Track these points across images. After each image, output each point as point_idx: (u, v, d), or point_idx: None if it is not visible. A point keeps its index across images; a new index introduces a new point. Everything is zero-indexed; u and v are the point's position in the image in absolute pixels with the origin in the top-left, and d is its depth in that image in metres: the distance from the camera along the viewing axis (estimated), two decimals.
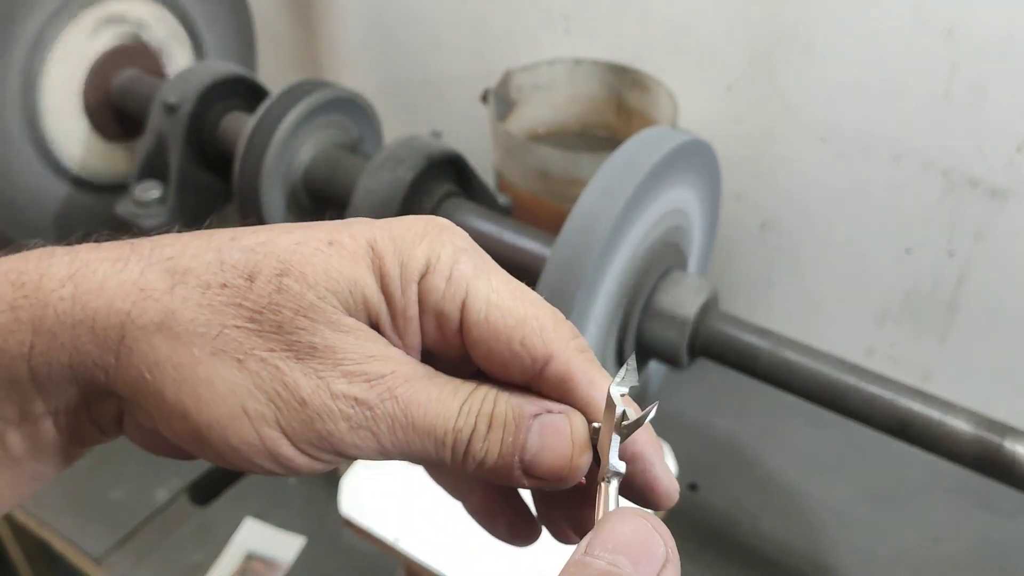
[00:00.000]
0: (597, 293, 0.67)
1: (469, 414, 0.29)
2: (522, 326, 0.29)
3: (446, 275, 0.29)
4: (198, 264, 0.28)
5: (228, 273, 0.28)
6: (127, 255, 0.28)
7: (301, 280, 0.28)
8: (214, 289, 0.27)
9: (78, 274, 0.28)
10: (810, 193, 1.00)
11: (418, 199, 0.79)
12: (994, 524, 0.90)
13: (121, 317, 0.27)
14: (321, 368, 0.28)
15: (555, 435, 0.29)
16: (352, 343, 0.28)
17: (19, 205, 1.00)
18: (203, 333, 0.27)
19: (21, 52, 0.95)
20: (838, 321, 1.06)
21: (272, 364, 0.27)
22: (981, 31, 0.83)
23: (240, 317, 0.27)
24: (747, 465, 0.96)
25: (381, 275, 0.29)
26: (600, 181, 0.66)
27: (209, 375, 0.27)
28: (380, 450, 0.29)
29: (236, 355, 0.27)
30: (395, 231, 0.30)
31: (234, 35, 1.15)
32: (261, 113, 0.85)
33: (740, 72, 0.98)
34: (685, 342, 0.72)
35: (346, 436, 0.28)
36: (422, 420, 0.28)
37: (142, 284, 0.28)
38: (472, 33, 1.17)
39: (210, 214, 0.97)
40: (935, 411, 0.66)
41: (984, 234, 0.92)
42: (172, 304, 0.27)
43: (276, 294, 0.27)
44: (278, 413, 0.27)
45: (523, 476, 0.29)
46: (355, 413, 0.28)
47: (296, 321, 0.27)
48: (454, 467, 0.29)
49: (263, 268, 0.28)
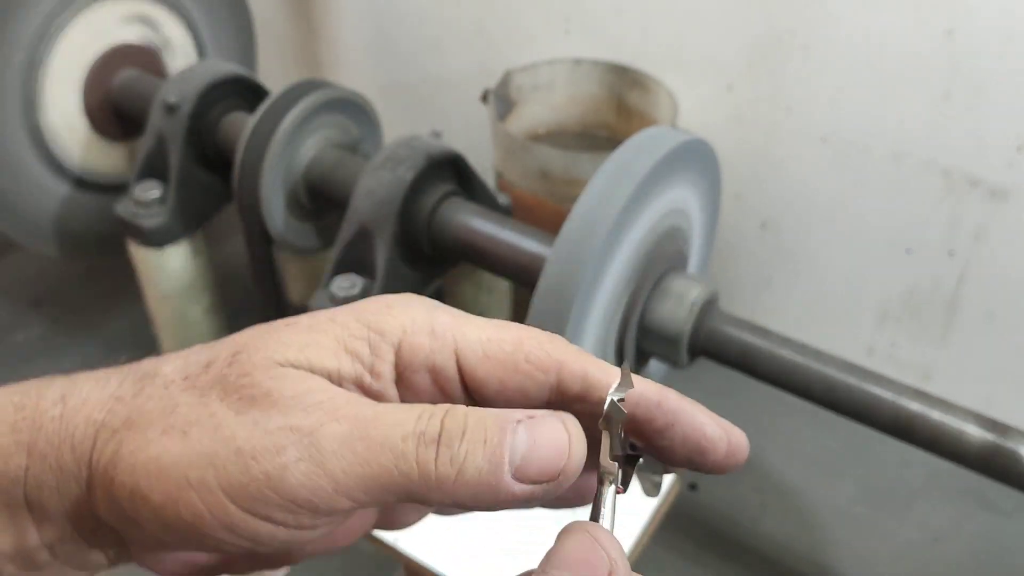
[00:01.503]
0: (597, 293, 0.67)
1: (431, 417, 0.26)
2: (521, 346, 0.29)
3: (428, 331, 0.28)
4: (167, 367, 0.29)
5: (191, 367, 0.28)
6: (111, 373, 0.29)
7: (251, 351, 0.28)
8: (176, 382, 0.28)
9: (67, 394, 0.29)
10: (810, 193, 1.00)
11: (418, 199, 0.79)
12: (994, 524, 0.90)
13: (96, 427, 0.28)
14: (259, 414, 0.26)
15: (547, 430, 0.27)
16: (290, 384, 0.27)
17: (19, 205, 1.00)
18: (157, 417, 0.27)
19: (22, 52, 0.95)
20: (838, 321, 1.06)
21: (212, 425, 0.27)
22: (981, 31, 0.83)
23: (192, 395, 0.27)
24: (747, 465, 0.96)
25: (344, 338, 0.28)
26: (600, 181, 0.66)
27: (158, 452, 0.27)
28: (333, 484, 0.26)
29: (182, 428, 0.27)
30: (359, 306, 0.29)
31: (234, 35, 1.15)
32: (261, 113, 0.85)
33: (740, 72, 0.98)
34: (685, 342, 0.72)
35: (289, 475, 0.25)
36: (372, 430, 0.26)
37: (118, 394, 0.28)
38: (472, 33, 1.17)
39: (210, 214, 0.97)
40: (935, 411, 0.66)
41: (984, 234, 0.92)
42: (138, 402, 0.28)
43: (227, 367, 0.28)
44: (216, 472, 0.26)
45: (513, 483, 0.26)
46: (293, 442, 0.26)
47: (239, 381, 0.27)
48: (426, 489, 0.26)
49: (221, 353, 0.28)
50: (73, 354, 1.10)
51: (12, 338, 1.13)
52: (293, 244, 0.92)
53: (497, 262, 0.78)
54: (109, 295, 1.17)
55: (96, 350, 1.11)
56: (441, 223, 0.79)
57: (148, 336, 1.07)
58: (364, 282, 0.79)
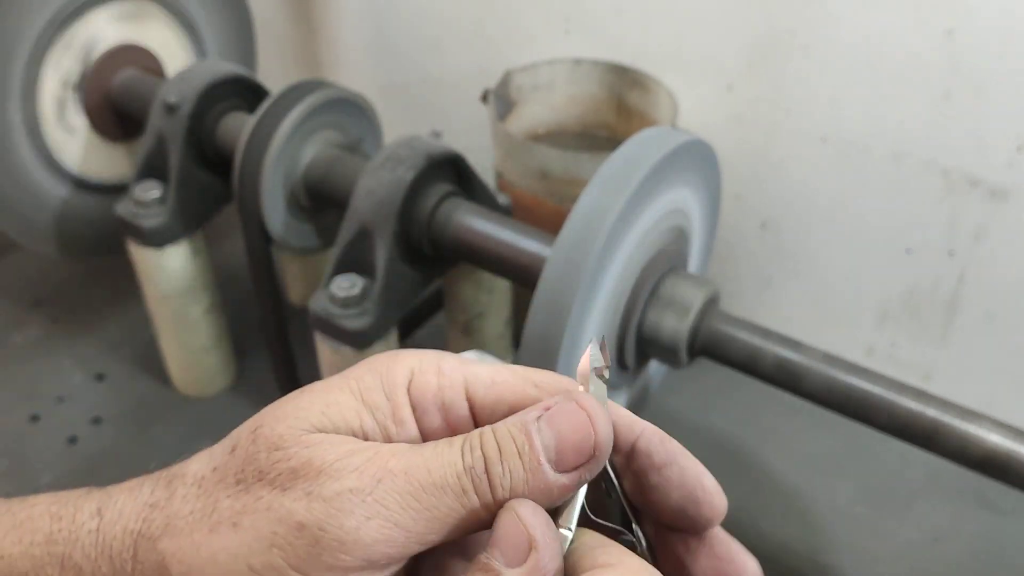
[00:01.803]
0: (597, 293, 0.67)
1: (472, 449, 0.27)
2: (528, 374, 0.30)
3: (435, 371, 0.30)
4: (193, 465, 0.29)
5: (216, 458, 0.29)
6: (143, 481, 0.30)
7: (271, 423, 0.28)
8: (207, 477, 0.28)
9: (103, 507, 0.29)
10: (810, 193, 1.00)
11: (418, 199, 0.79)
12: (994, 524, 0.90)
13: (134, 537, 0.28)
14: (307, 485, 0.27)
15: (565, 415, 0.28)
16: (327, 449, 0.27)
17: (19, 205, 1.00)
18: (200, 518, 0.28)
19: (23, 52, 0.95)
20: (838, 321, 1.06)
21: (263, 509, 0.27)
22: (981, 31, 0.83)
23: (229, 487, 0.28)
24: (747, 465, 0.96)
25: (360, 391, 0.29)
26: (600, 181, 0.66)
27: (211, 551, 0.27)
28: (405, 534, 0.26)
29: (231, 521, 0.27)
30: (368, 360, 0.30)
31: (234, 35, 1.15)
32: (261, 113, 0.85)
33: (740, 72, 0.98)
34: (685, 342, 0.72)
35: (361, 535, 0.26)
36: (428, 478, 0.27)
37: (151, 501, 0.29)
38: (472, 33, 1.17)
39: (210, 214, 0.97)
40: (935, 411, 0.66)
41: (984, 234, 0.92)
42: (173, 507, 0.28)
43: (252, 446, 0.28)
44: (282, 552, 0.26)
45: (561, 475, 0.27)
46: (357, 504, 0.26)
47: (272, 457, 0.27)
48: (490, 515, 0.27)
49: (243, 433, 0.29)
50: (73, 354, 1.10)
51: (12, 338, 1.13)
52: (293, 244, 0.92)
53: (497, 262, 0.78)
54: (109, 295, 1.17)
55: (96, 350, 1.11)
56: (441, 223, 0.79)
57: (148, 336, 1.07)
58: (364, 282, 0.79)
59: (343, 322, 0.78)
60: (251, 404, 1.03)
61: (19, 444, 0.99)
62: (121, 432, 1.00)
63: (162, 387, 1.06)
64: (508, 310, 0.96)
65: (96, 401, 1.04)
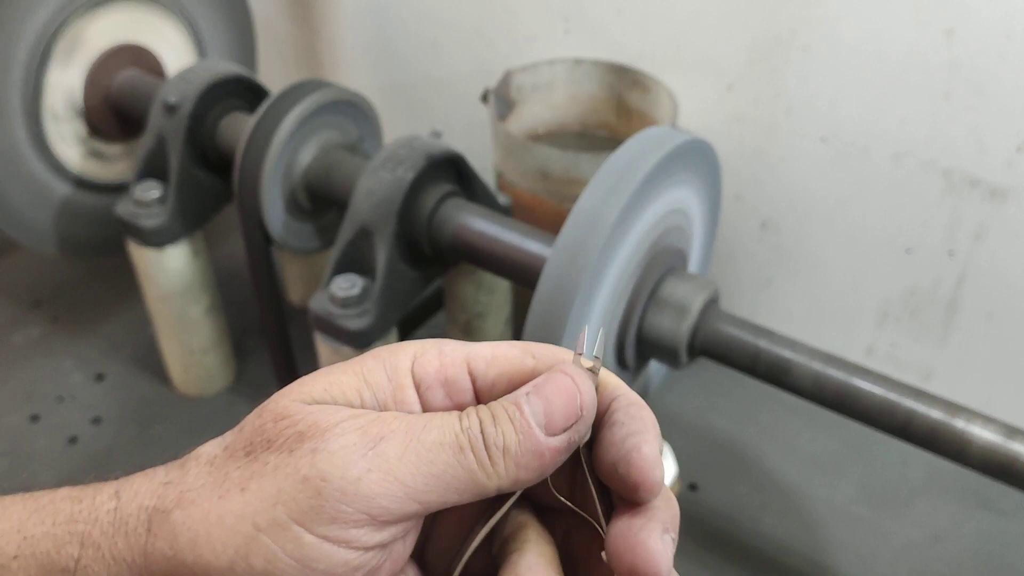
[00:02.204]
0: (597, 293, 0.67)
1: (468, 415, 0.29)
2: (527, 347, 0.31)
3: (437, 352, 0.31)
4: (206, 447, 0.31)
5: (227, 439, 0.30)
6: (160, 467, 0.31)
7: (277, 401, 0.30)
8: (219, 455, 0.30)
9: (121, 489, 0.30)
10: (810, 193, 1.00)
11: (418, 199, 0.79)
12: (994, 524, 0.90)
13: (148, 512, 0.29)
14: (312, 443, 0.28)
15: (551, 383, 0.29)
16: (330, 414, 0.29)
17: (19, 205, 1.00)
18: (211, 489, 0.29)
19: (23, 52, 0.95)
20: (838, 321, 1.06)
21: (270, 471, 0.28)
22: (981, 31, 0.83)
23: (239, 459, 0.29)
24: (747, 465, 0.96)
25: (363, 372, 0.30)
26: (600, 181, 0.66)
27: (219, 515, 0.28)
28: (405, 488, 0.28)
29: (239, 487, 0.28)
30: (373, 350, 0.32)
31: (234, 35, 1.15)
32: (261, 113, 0.85)
33: (740, 72, 0.98)
34: (685, 341, 0.72)
35: (361, 487, 0.27)
36: (428, 435, 0.28)
37: (166, 480, 0.30)
38: (472, 33, 1.17)
39: (210, 214, 0.97)
40: (935, 411, 0.66)
41: (984, 234, 0.92)
42: (185, 483, 0.29)
43: (257, 419, 0.29)
44: (286, 507, 0.27)
45: (549, 438, 0.29)
46: (359, 457, 0.27)
47: (279, 426, 0.29)
48: (485, 476, 0.28)
49: (250, 416, 0.30)
50: (73, 354, 1.10)
51: (12, 338, 1.13)
52: (293, 244, 0.92)
53: (497, 262, 0.78)
54: (109, 295, 1.17)
55: (96, 350, 1.11)
56: (441, 223, 0.79)
57: (148, 336, 1.07)
58: (364, 282, 0.79)
59: (343, 322, 0.78)
60: (251, 404, 1.02)
61: (19, 444, 0.99)
62: (121, 432, 1.00)
63: (162, 387, 1.06)
64: (508, 310, 0.96)
65: (96, 401, 1.04)
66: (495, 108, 0.98)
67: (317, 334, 0.81)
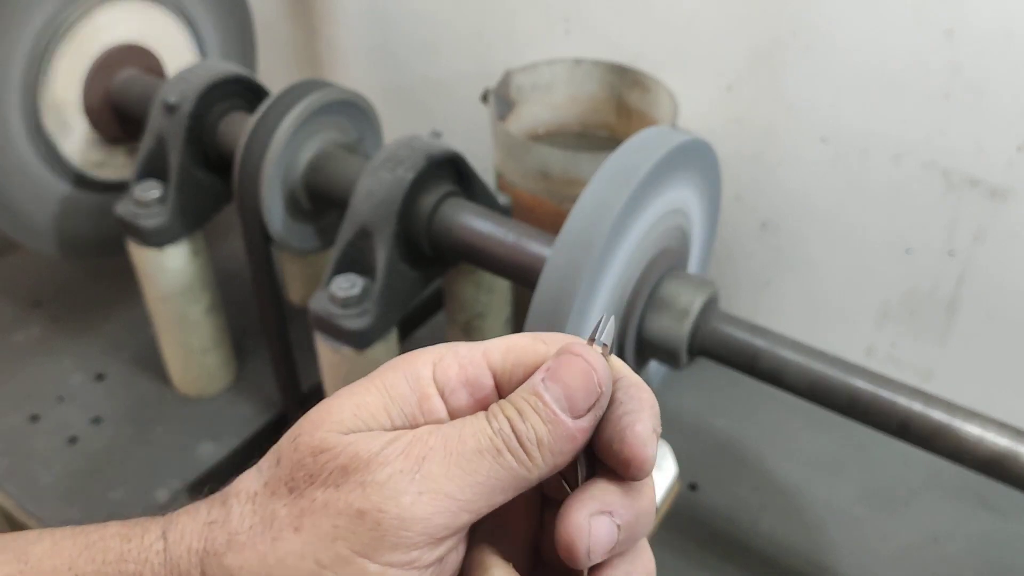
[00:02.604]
0: (597, 293, 0.67)
1: (496, 415, 0.30)
2: (535, 337, 0.33)
3: (454, 355, 0.32)
4: (244, 482, 0.31)
5: (264, 473, 0.31)
6: (199, 505, 0.32)
7: (310, 430, 0.30)
8: (259, 492, 0.30)
9: (167, 529, 0.31)
10: (810, 193, 1.00)
11: (418, 199, 0.79)
12: (994, 524, 0.90)
13: (199, 555, 0.30)
14: (358, 476, 0.29)
15: (565, 367, 0.30)
16: (369, 443, 0.29)
17: (19, 205, 1.00)
18: (262, 530, 0.29)
19: (23, 52, 0.95)
20: (838, 321, 1.06)
21: (320, 508, 0.29)
22: (981, 31, 0.83)
23: (282, 497, 0.30)
24: (747, 465, 0.96)
25: (385, 387, 0.31)
26: (600, 181, 0.66)
27: (278, 558, 0.28)
28: (455, 502, 0.29)
29: (292, 527, 0.29)
30: (389, 362, 0.32)
31: (234, 35, 1.15)
32: (261, 113, 0.85)
33: (740, 72, 0.98)
34: (685, 342, 0.72)
35: (417, 511, 0.28)
36: (465, 446, 0.29)
37: (209, 520, 0.30)
38: (472, 33, 1.17)
39: (210, 214, 0.97)
40: (936, 411, 0.66)
41: (984, 234, 0.92)
42: (232, 523, 0.30)
43: (295, 453, 0.30)
44: (346, 542, 0.28)
45: (577, 419, 0.30)
46: (407, 483, 0.28)
47: (319, 460, 0.29)
48: (526, 471, 0.30)
49: (283, 446, 0.31)
50: (73, 354, 1.10)
51: (12, 338, 1.13)
52: (293, 244, 0.92)
53: (497, 262, 0.78)
54: (109, 295, 1.17)
55: (96, 350, 1.11)
56: (441, 223, 0.79)
57: (148, 336, 1.07)
58: (364, 282, 0.79)
59: (343, 322, 0.78)
60: (251, 404, 1.03)
61: (19, 444, 0.99)
62: (121, 432, 1.00)
63: (162, 387, 1.06)
64: (508, 310, 0.96)
65: (96, 401, 1.04)
66: (495, 108, 0.98)
67: (317, 334, 0.81)
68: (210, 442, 0.98)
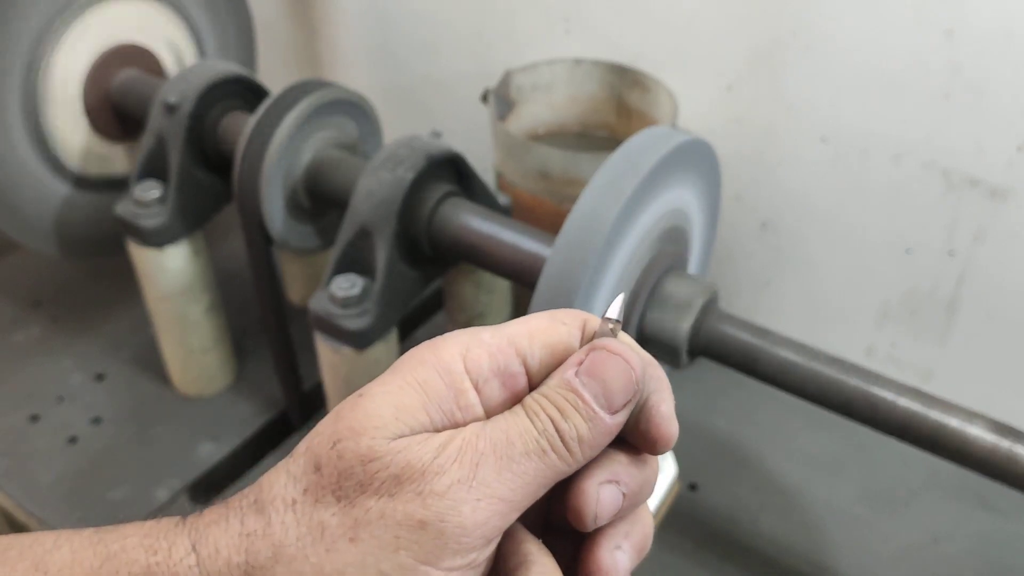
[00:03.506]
0: (597, 293, 0.67)
1: (537, 414, 0.31)
2: (552, 316, 0.33)
3: (480, 344, 0.32)
4: (278, 489, 0.30)
5: (301, 479, 0.30)
6: (225, 513, 0.31)
7: (353, 437, 0.30)
8: (299, 500, 0.30)
9: (197, 542, 0.30)
10: (810, 193, 1.00)
11: (418, 199, 0.79)
12: (994, 524, 0.90)
13: (243, 569, 0.29)
14: (414, 486, 0.29)
15: (603, 364, 0.31)
16: (419, 450, 0.29)
17: (19, 205, 1.00)
18: (312, 541, 0.29)
19: (22, 52, 0.95)
20: (838, 321, 1.06)
21: (376, 518, 0.29)
22: (981, 31, 0.83)
23: (329, 506, 0.29)
24: (747, 465, 0.96)
25: (420, 386, 0.31)
26: (600, 181, 0.66)
27: (336, 569, 0.28)
28: (509, 504, 0.30)
29: (347, 537, 0.29)
30: (412, 354, 0.32)
31: (234, 35, 1.15)
32: (261, 113, 0.85)
33: (740, 72, 0.98)
34: (685, 342, 0.72)
35: (477, 517, 0.29)
36: (514, 449, 0.30)
37: (246, 531, 0.30)
38: (472, 33, 1.17)
39: (210, 214, 0.97)
40: (936, 411, 0.66)
41: (984, 234, 0.92)
42: (275, 535, 0.29)
43: (340, 461, 0.29)
44: (409, 552, 0.28)
45: (614, 416, 0.31)
46: (467, 492, 0.29)
47: (369, 468, 0.29)
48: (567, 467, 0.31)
49: (321, 452, 0.30)
50: (73, 354, 1.10)
51: (12, 338, 1.13)
52: (293, 244, 0.92)
53: (497, 262, 0.78)
54: (109, 295, 1.17)
55: (96, 350, 1.11)
56: (441, 223, 0.79)
57: (148, 336, 1.07)
58: (364, 282, 0.79)
59: (343, 322, 0.78)
60: (251, 404, 1.03)
61: (19, 444, 0.99)
62: (121, 432, 1.00)
63: (162, 387, 1.06)
64: (508, 310, 0.96)
65: (96, 401, 1.04)
66: (495, 108, 0.98)
67: (317, 334, 0.81)
68: (210, 442, 0.98)
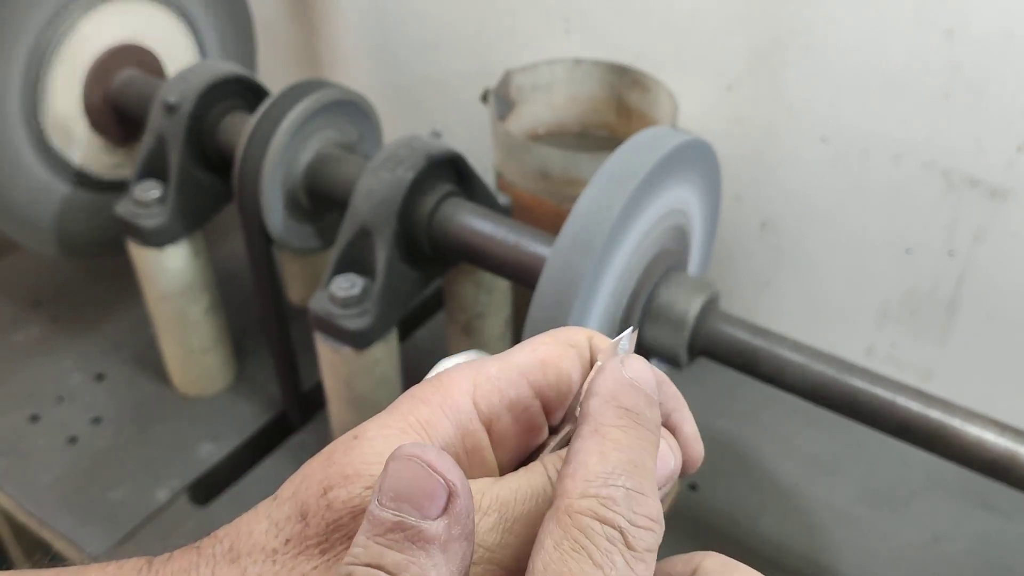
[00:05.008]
0: (597, 293, 0.67)
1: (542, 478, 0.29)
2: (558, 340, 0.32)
3: (487, 377, 0.30)
4: (257, 536, 0.28)
5: (284, 528, 0.28)
6: (196, 560, 0.28)
7: (343, 483, 0.27)
8: (281, 551, 0.27)
9: None
10: (810, 193, 1.00)
11: (418, 199, 0.79)
12: (994, 524, 0.90)
13: None
14: None
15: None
16: None
17: (19, 205, 1.00)
18: None
19: (23, 52, 0.95)
20: (838, 321, 1.06)
21: None
22: (981, 31, 0.83)
23: (313, 558, 0.27)
24: (747, 465, 0.96)
25: (422, 427, 0.29)
26: (600, 181, 0.66)
27: None
28: (504, 572, 0.27)
29: None
30: (414, 393, 0.30)
31: (234, 35, 1.15)
32: (261, 113, 0.85)
33: (740, 72, 0.98)
34: (685, 342, 0.72)
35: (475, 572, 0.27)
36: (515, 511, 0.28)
37: None
38: (472, 33, 1.17)
39: (210, 214, 0.97)
40: (936, 411, 0.66)
41: (984, 234, 0.92)
42: None
43: (329, 512, 0.27)
44: None
45: None
46: None
47: (359, 521, 0.27)
48: None
49: (309, 499, 0.28)
50: (73, 354, 1.10)
51: (12, 338, 1.13)
52: (293, 244, 0.92)
53: (497, 262, 0.78)
54: (109, 295, 1.17)
55: (96, 350, 1.11)
56: (441, 223, 0.79)
57: (148, 336, 1.07)
58: (364, 282, 0.79)
59: (343, 322, 0.78)
60: (251, 404, 1.03)
61: (19, 444, 0.99)
62: (121, 432, 1.00)
63: (162, 387, 1.06)
64: (508, 310, 0.96)
65: (96, 401, 1.04)
66: (495, 108, 0.98)
67: (317, 334, 0.81)
68: (210, 442, 0.98)
